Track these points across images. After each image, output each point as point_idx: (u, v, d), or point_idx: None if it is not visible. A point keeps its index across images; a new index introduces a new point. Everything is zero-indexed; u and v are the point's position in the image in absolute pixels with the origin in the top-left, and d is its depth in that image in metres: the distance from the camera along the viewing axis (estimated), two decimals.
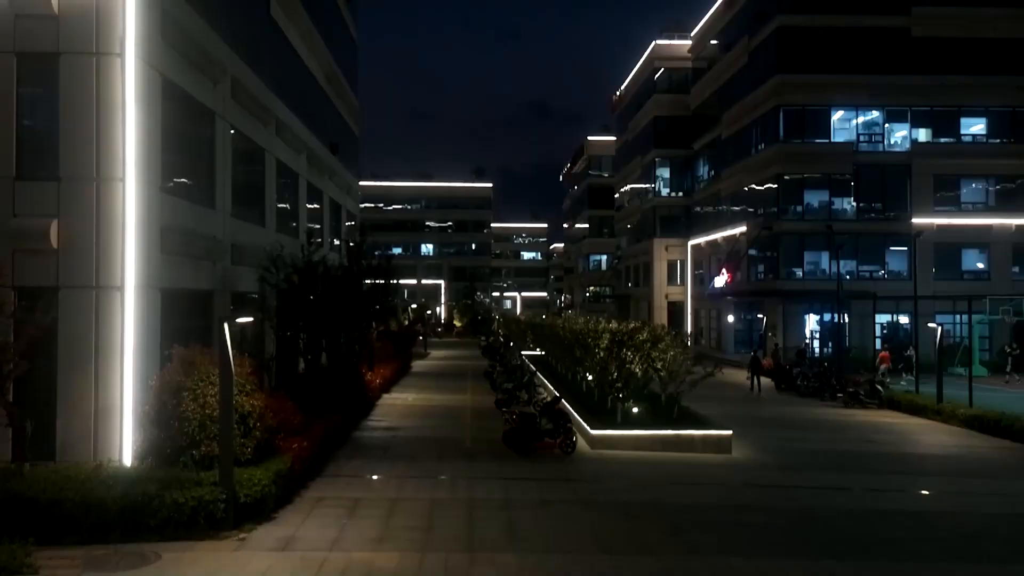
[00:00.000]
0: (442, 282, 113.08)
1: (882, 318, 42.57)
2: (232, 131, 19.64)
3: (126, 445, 13.71)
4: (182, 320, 16.24)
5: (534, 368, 30.97)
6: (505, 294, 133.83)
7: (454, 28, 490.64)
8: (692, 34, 61.73)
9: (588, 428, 19.99)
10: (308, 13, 27.38)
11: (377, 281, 26.13)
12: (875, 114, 45.57)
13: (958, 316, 39.22)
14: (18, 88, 14.18)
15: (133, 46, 14.10)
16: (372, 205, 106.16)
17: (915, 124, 45.29)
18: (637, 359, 20.77)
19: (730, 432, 19.90)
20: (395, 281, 27.57)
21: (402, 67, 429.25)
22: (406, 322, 64.54)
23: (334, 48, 32.79)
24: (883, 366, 34.51)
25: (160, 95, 15.17)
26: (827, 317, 43.41)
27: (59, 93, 14.08)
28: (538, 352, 41.77)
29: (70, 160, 14.00)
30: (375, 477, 15.88)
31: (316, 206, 30.56)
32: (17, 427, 12.65)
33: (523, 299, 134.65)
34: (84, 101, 14.03)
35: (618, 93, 78.47)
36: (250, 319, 15.16)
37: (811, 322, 45.44)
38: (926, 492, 16.08)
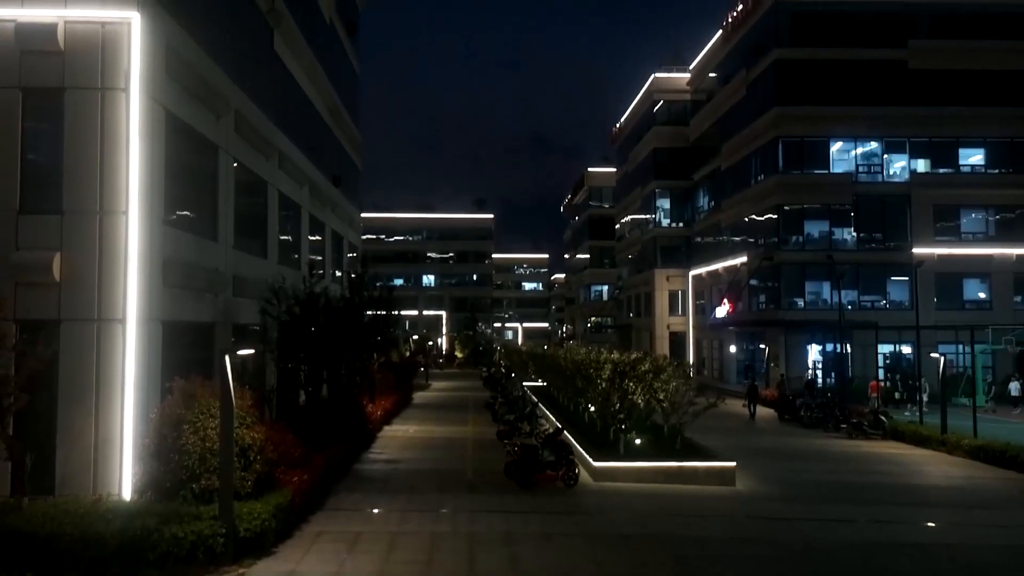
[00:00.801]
0: (443, 313, 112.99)
1: (884, 348, 42.44)
2: (235, 164, 19.78)
3: (126, 479, 13.64)
4: (183, 352, 16.23)
5: (536, 399, 30.87)
6: (506, 325, 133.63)
7: (455, 60, 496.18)
8: (691, 67, 62.38)
9: (590, 460, 19.85)
10: (311, 47, 27.70)
11: (378, 312, 26.13)
12: (874, 145, 45.86)
13: (961, 346, 39.14)
14: (23, 122, 14.33)
15: (138, 81, 14.26)
16: (374, 236, 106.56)
17: (914, 155, 45.55)
18: (639, 390, 20.68)
19: (734, 464, 19.75)
20: (396, 312, 27.56)
21: (404, 99, 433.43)
22: (407, 353, 64.37)
23: (336, 81, 33.12)
24: (873, 395, 34.55)
25: (164, 129, 15.30)
26: (829, 347, 43.31)
27: (64, 127, 14.22)
28: (540, 383, 41.61)
29: (74, 193, 14.09)
30: (376, 510, 15.75)
31: (318, 238, 30.67)
32: (16, 461, 12.60)
33: (524, 330, 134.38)
34: (88, 135, 14.16)
35: (618, 125, 79.09)
36: (251, 351, 15.15)
37: (813, 352, 45.31)
38: (931, 524, 15.92)
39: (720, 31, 54.04)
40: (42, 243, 13.92)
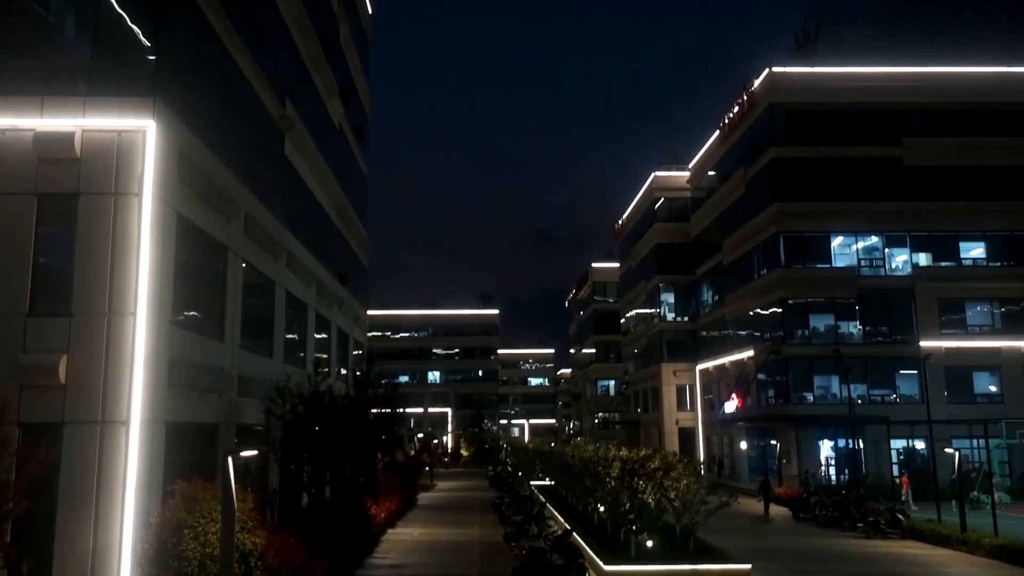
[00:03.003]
0: (449, 410, 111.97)
1: (897, 443, 41.75)
2: (243, 264, 20.03)
3: None
4: (186, 454, 16.03)
5: (543, 499, 30.18)
6: (512, 421, 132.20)
7: (460, 159, 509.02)
8: (689, 166, 63.84)
9: (601, 563, 19.24)
10: (320, 151, 28.49)
11: (383, 410, 25.93)
12: (874, 239, 46.36)
13: (974, 440, 38.46)
14: (37, 227, 14.59)
15: (151, 186, 14.61)
16: (379, 333, 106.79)
17: (915, 248, 45.97)
18: (650, 488, 20.24)
19: (749, 566, 19.12)
20: (401, 410, 27.37)
21: (409, 196, 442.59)
22: (412, 452, 63.47)
23: (344, 182, 33.92)
24: (905, 490, 33.60)
25: (174, 232, 15.58)
26: (841, 442, 42.58)
27: (76, 231, 14.48)
28: (547, 482, 40.78)
29: (83, 296, 14.23)
30: None
31: (324, 336, 30.74)
32: (13, 568, 12.26)
33: (531, 426, 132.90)
34: (100, 238, 14.41)
35: (620, 222, 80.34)
36: (254, 452, 14.96)
37: (825, 448, 44.54)
38: None
39: (717, 131, 55.54)
40: (49, 345, 13.96)
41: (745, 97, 49.50)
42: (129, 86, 15.06)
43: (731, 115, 52.20)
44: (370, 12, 42.97)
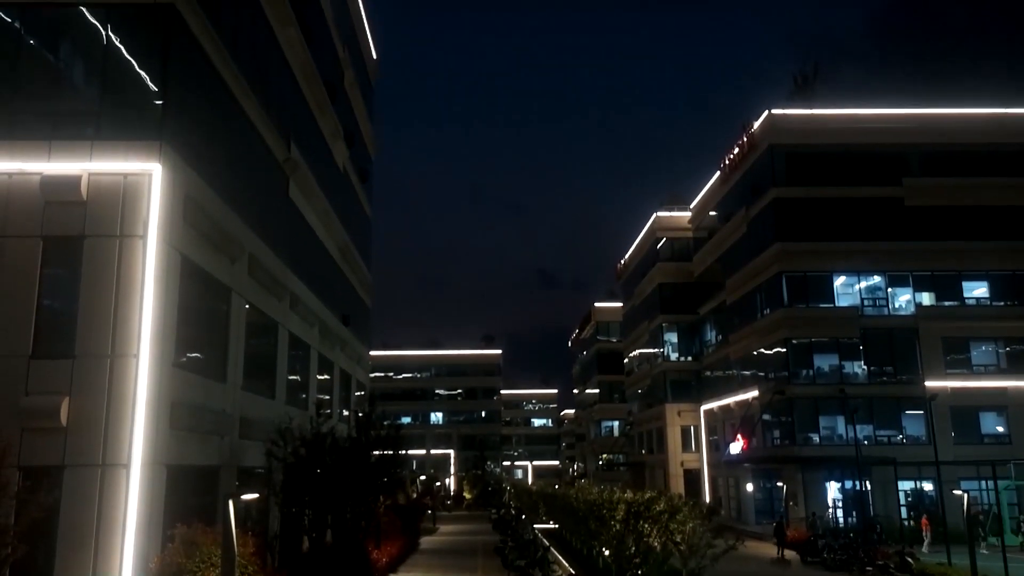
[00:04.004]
0: (451, 451, 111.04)
1: (905, 484, 41.25)
2: (247, 306, 20.06)
3: None
4: (186, 497, 15.89)
5: (547, 543, 29.83)
6: (516, 463, 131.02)
7: (463, 203, 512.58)
8: (691, 206, 64.14)
9: None
10: (324, 193, 28.69)
11: (385, 452, 25.72)
12: (877, 279, 46.31)
13: (983, 482, 38.00)
14: (42, 269, 14.64)
15: (156, 228, 14.70)
16: (382, 374, 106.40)
17: (918, 288, 45.91)
18: (655, 532, 19.96)
19: None
20: (403, 452, 27.12)
21: (413, 238, 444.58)
22: (414, 495, 62.83)
23: (348, 224, 34.11)
24: (926, 532, 33.09)
25: (178, 273, 15.64)
26: (848, 484, 42.07)
27: (81, 273, 14.53)
28: (551, 525, 40.28)
29: (86, 338, 14.23)
30: None
31: (326, 377, 30.65)
32: None
33: (534, 468, 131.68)
34: (105, 280, 14.46)
35: (623, 261, 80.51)
36: (255, 495, 14.82)
37: (832, 490, 43.98)
38: None
39: (718, 172, 55.90)
40: (52, 387, 13.93)
41: (745, 138, 49.93)
42: (136, 130, 15.24)
43: (731, 156, 52.59)
44: (374, 57, 43.65)
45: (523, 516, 46.75)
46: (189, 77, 16.64)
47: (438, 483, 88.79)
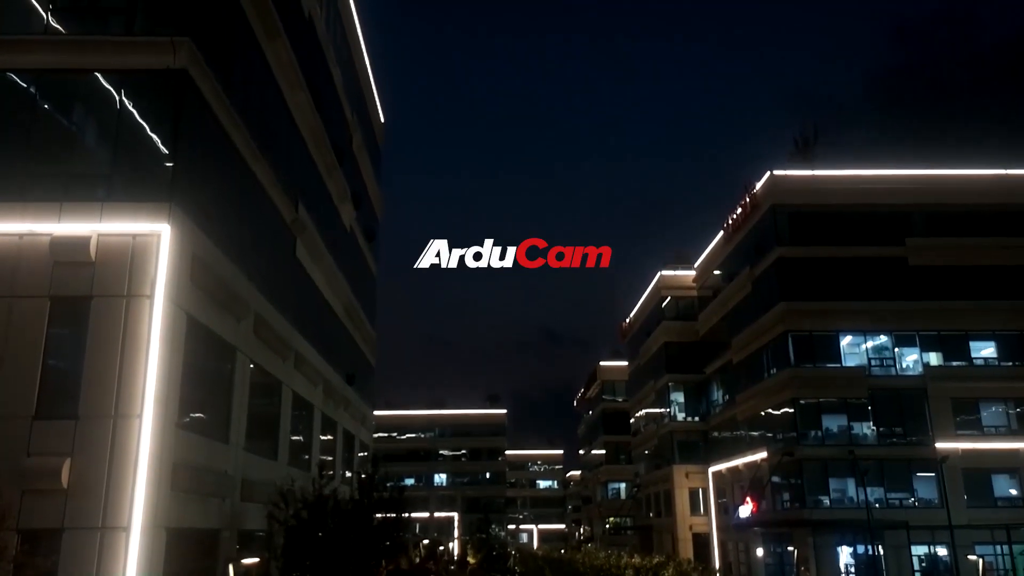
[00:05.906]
0: (455, 514, 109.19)
1: (918, 549, 40.34)
2: (251, 365, 20.02)
3: None
4: (186, 560, 15.62)
5: None
6: (521, 527, 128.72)
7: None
8: (695, 265, 64.36)
9: None
10: (331, 253, 28.89)
11: (388, 515, 25.30)
12: (884, 338, 46.10)
13: (998, 547, 37.17)
14: (48, 329, 14.66)
15: (163, 288, 14.77)
16: (385, 434, 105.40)
17: (924, 348, 45.61)
18: None
19: None
20: (407, 515, 26.66)
21: (419, 298, 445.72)
22: (417, 559, 61.63)
23: (354, 283, 34.24)
24: None
25: (184, 333, 15.65)
26: (860, 548, 41.16)
27: (87, 333, 14.54)
28: None
29: (90, 398, 14.18)
30: None
31: (329, 437, 30.39)
32: None
33: (540, 531, 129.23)
34: (111, 340, 14.47)
35: (627, 320, 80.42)
36: (256, 559, 14.56)
37: (844, 554, 43.03)
38: None
39: (721, 232, 56.26)
40: (53, 448, 13.82)
41: (747, 199, 50.36)
42: (146, 192, 15.45)
43: (734, 216, 52.98)
44: (382, 120, 44.45)
45: None
46: (199, 140, 16.93)
47: (442, 547, 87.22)
